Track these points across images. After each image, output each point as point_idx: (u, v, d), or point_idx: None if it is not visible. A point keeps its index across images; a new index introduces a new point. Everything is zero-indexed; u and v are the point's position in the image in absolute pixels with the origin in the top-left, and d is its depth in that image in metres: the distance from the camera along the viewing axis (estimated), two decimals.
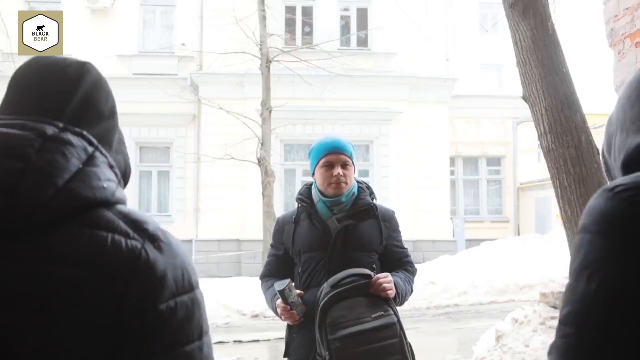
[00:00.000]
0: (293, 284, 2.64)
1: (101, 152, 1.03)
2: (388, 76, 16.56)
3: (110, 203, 1.00)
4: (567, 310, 1.01)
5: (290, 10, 17.11)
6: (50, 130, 0.98)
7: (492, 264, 13.12)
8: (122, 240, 0.95)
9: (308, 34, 17.13)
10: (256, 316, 10.69)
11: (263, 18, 13.11)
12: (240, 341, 8.66)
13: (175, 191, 16.49)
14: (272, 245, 2.99)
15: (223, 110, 13.75)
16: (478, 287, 11.89)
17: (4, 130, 0.97)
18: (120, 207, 1.01)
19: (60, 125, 1.00)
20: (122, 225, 0.97)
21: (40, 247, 0.91)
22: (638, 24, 2.12)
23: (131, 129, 15.27)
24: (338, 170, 2.72)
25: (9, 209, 0.90)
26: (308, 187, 2.91)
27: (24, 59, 1.18)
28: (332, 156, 2.76)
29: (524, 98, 5.05)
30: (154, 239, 0.98)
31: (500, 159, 19.34)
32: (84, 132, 1.03)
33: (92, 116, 1.09)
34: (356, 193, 2.81)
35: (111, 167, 1.05)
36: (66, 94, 1.07)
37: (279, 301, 2.60)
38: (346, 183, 2.74)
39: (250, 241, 15.02)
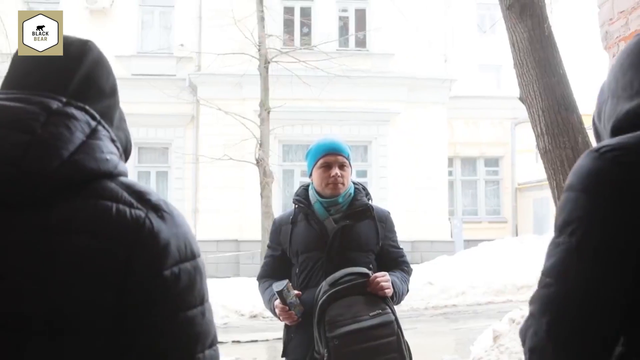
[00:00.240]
0: (291, 284, 2.67)
1: (103, 127, 1.06)
2: (386, 77, 16.59)
3: (113, 175, 1.03)
4: (549, 262, 1.07)
5: (289, 11, 17.13)
6: (54, 104, 1.01)
7: (490, 265, 13.15)
8: (127, 209, 0.98)
9: (306, 34, 17.15)
10: (254, 316, 10.71)
11: (262, 19, 13.13)
12: (238, 341, 8.68)
13: (173, 192, 16.50)
14: (269, 246, 3.02)
15: (221, 111, 13.74)
16: (476, 287, 11.92)
17: (10, 104, 0.99)
18: (122, 178, 1.05)
19: (64, 100, 1.03)
20: (126, 195, 1.00)
21: (46, 217, 0.94)
22: (632, 27, 2.15)
23: (129, 129, 15.23)
24: (336, 171, 2.76)
25: (16, 179, 0.93)
26: (305, 188, 2.94)
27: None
28: (330, 157, 2.79)
29: (521, 99, 5.08)
30: (157, 208, 1.02)
31: (498, 160, 19.39)
32: (87, 107, 1.06)
33: (94, 93, 1.12)
34: (353, 194, 2.84)
35: (113, 141, 1.08)
36: (69, 71, 1.11)
37: (277, 302, 2.63)
38: (343, 184, 2.78)
39: (249, 242, 15.01)
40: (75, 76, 1.10)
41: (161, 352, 0.98)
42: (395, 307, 2.73)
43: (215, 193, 15.93)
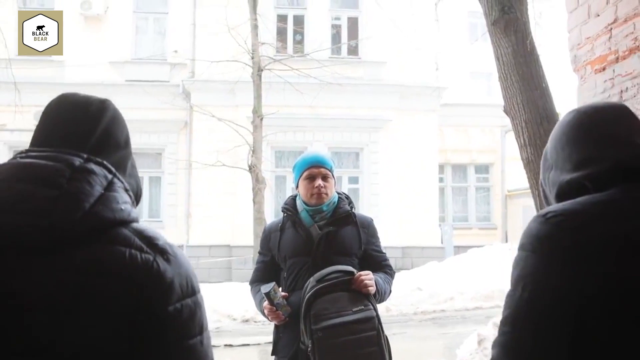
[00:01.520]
0: (278, 287, 2.86)
1: (118, 179, 1.25)
2: (378, 85, 16.75)
3: (126, 222, 1.21)
4: (506, 313, 1.28)
5: (282, 18, 17.26)
6: (77, 161, 1.19)
7: (479, 270, 13.29)
8: (138, 254, 1.16)
9: (299, 42, 17.28)
10: (246, 321, 10.83)
11: (255, 27, 13.28)
12: (230, 345, 8.80)
13: (166, 197, 16.57)
14: (259, 252, 3.23)
15: (215, 118, 13.87)
16: (464, 293, 12.06)
17: (41, 162, 1.18)
18: (135, 225, 1.22)
19: (85, 156, 1.21)
20: (137, 241, 1.18)
21: (71, 261, 1.11)
22: (597, 52, 2.32)
23: None
24: (319, 182, 2.99)
25: (47, 228, 1.10)
26: (293, 198, 3.18)
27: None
28: (314, 170, 3.03)
29: (505, 111, 5.26)
30: (163, 252, 1.19)
31: (488, 167, 19.56)
32: (104, 162, 1.24)
33: (111, 147, 1.31)
34: (336, 202, 3.05)
35: (126, 190, 1.26)
36: (89, 129, 1.29)
37: (266, 303, 2.83)
38: (327, 194, 3.00)
39: (241, 247, 15.09)
40: (95, 133, 1.29)
41: None
42: (386, 313, 2.92)
43: (208, 199, 16.01)
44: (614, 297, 1.16)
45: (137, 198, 1.36)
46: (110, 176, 1.23)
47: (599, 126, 1.36)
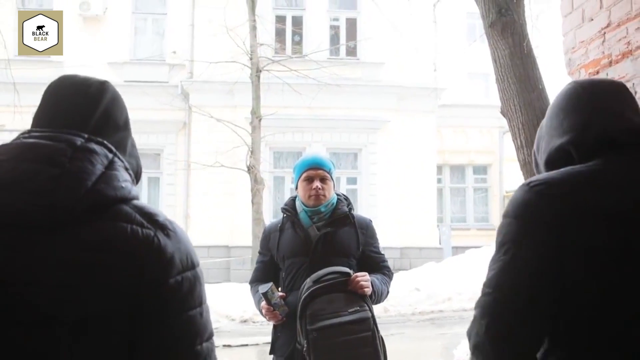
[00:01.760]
0: (276, 287, 2.90)
1: (119, 158, 1.28)
2: (376, 86, 16.78)
3: (127, 199, 1.24)
4: (489, 275, 1.34)
5: (281, 19, 17.29)
6: (78, 141, 1.23)
7: (476, 271, 13.25)
8: (139, 229, 1.20)
9: (298, 43, 17.30)
10: (245, 321, 10.85)
11: (253, 28, 13.31)
12: (229, 345, 8.82)
13: (165, 197, 16.58)
14: (259, 252, 3.27)
15: (213, 118, 13.90)
16: (462, 293, 12.08)
17: (42, 142, 1.21)
18: (135, 202, 1.26)
19: (86, 136, 1.25)
20: (138, 217, 1.22)
21: (75, 237, 1.15)
22: (591, 56, 2.36)
23: None
24: (317, 183, 3.03)
25: (50, 207, 1.13)
26: (293, 199, 3.21)
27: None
28: (312, 171, 3.06)
29: (503, 113, 5.30)
30: (163, 227, 1.23)
31: (486, 168, 19.61)
32: (105, 142, 1.27)
33: (110, 127, 1.35)
34: (335, 204, 3.08)
35: (127, 169, 1.30)
36: (89, 109, 1.32)
37: (263, 302, 2.86)
38: (325, 195, 3.03)
39: (240, 247, 15.13)
40: (95, 114, 1.32)
41: (167, 345, 1.19)
42: (384, 313, 2.96)
43: (206, 199, 16.03)
44: (591, 265, 1.23)
45: (137, 177, 1.40)
46: (110, 155, 1.26)
47: (594, 98, 1.41)
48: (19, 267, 1.12)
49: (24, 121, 10.70)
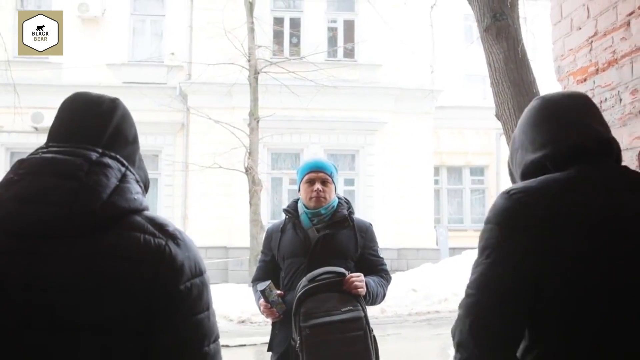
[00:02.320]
0: (275, 286, 3.00)
1: (130, 171, 1.38)
2: (374, 87, 16.84)
3: (139, 210, 1.34)
4: (472, 277, 1.44)
5: (279, 21, 17.33)
6: (93, 155, 1.33)
7: None
8: (151, 239, 1.29)
9: (296, 44, 17.36)
10: (243, 322, 10.92)
11: (251, 30, 13.37)
12: (227, 346, 8.87)
13: (163, 198, 16.60)
14: (262, 252, 3.38)
15: (211, 120, 13.96)
16: (458, 294, 12.13)
17: (61, 157, 1.32)
18: (146, 213, 1.36)
19: (100, 150, 1.35)
20: (150, 227, 1.31)
21: (93, 246, 1.25)
22: (579, 64, 2.43)
23: None
24: (318, 186, 3.13)
25: (69, 217, 1.23)
26: (295, 201, 3.31)
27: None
28: (313, 174, 3.17)
29: (497, 116, 5.36)
30: (174, 237, 1.33)
31: (483, 169, 19.67)
32: (118, 156, 1.37)
33: (121, 142, 1.44)
34: (335, 207, 3.16)
35: (137, 181, 1.40)
36: (102, 125, 1.42)
37: (262, 300, 2.95)
38: (325, 198, 3.13)
39: (238, 248, 15.20)
40: (107, 129, 1.42)
41: (178, 346, 1.29)
42: (381, 314, 3.06)
43: (204, 200, 16.07)
44: (566, 269, 1.32)
45: (145, 188, 1.50)
46: (123, 169, 1.36)
47: (561, 112, 1.52)
48: (41, 274, 1.21)
49: (22, 122, 10.78)
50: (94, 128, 1.41)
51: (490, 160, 19.35)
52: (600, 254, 1.31)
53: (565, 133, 1.47)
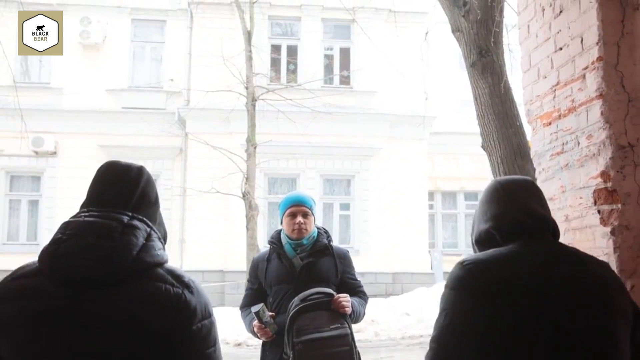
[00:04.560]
0: (266, 307, 3.27)
1: (154, 230, 1.70)
2: (369, 114, 17.13)
3: (161, 264, 1.65)
4: (434, 334, 1.79)
5: (276, 49, 17.63)
6: (125, 219, 1.64)
7: None
8: (171, 288, 1.61)
9: (293, 72, 17.63)
10: (239, 345, 11.06)
11: (249, 58, 13.62)
12: None
13: None
14: (248, 280, 3.69)
15: (209, 145, 14.10)
16: None
17: (99, 220, 1.62)
18: (166, 265, 1.68)
19: (130, 214, 1.66)
20: (170, 278, 1.63)
21: (124, 293, 1.56)
22: (545, 109, 2.68)
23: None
24: (299, 219, 3.43)
25: (107, 270, 1.54)
26: (278, 232, 3.62)
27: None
28: (295, 208, 3.48)
29: (483, 147, 5.60)
30: (188, 286, 1.64)
31: (477, 194, 19.80)
32: (144, 219, 1.69)
33: (146, 204, 1.75)
34: (316, 237, 3.48)
35: (159, 239, 1.71)
36: (130, 191, 1.73)
37: (255, 321, 3.23)
38: (306, 229, 3.45)
39: (234, 272, 15.36)
40: (135, 194, 1.73)
41: None
42: (375, 337, 3.37)
43: (201, 224, 16.25)
44: (508, 328, 1.62)
45: (164, 240, 1.79)
46: (148, 229, 1.67)
47: (508, 193, 1.87)
48: (86, 315, 1.52)
49: (22, 146, 10.96)
50: (123, 194, 1.70)
51: (484, 185, 19.33)
52: (537, 316, 1.61)
53: (507, 210, 1.82)
